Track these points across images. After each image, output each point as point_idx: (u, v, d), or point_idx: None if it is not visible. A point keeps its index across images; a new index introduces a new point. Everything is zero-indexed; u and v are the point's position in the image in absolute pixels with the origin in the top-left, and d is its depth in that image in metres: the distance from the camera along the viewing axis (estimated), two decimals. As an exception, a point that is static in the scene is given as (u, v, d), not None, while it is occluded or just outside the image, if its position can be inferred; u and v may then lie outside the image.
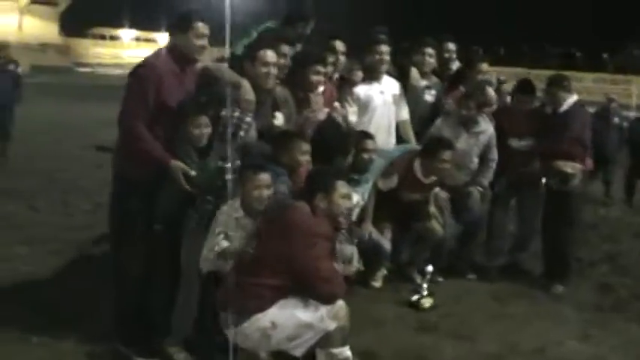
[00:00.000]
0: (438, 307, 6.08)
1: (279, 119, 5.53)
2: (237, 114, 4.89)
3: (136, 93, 4.77)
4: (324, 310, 4.10)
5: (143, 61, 4.93)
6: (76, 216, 8.82)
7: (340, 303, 4.20)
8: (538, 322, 5.93)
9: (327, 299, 4.10)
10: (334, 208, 4.39)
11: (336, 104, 6.36)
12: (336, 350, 4.18)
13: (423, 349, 5.23)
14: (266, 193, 4.62)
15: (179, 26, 4.91)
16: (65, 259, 6.87)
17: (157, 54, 5.00)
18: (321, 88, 6.11)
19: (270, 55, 5.23)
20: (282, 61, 5.56)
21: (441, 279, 6.72)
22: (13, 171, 11.53)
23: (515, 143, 6.85)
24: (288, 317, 4.10)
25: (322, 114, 6.11)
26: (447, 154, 6.21)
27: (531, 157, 6.80)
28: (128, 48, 50.51)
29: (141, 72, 4.83)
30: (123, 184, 4.95)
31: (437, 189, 6.66)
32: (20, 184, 10.36)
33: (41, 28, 45.47)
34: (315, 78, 5.72)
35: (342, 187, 4.45)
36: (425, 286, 6.12)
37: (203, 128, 4.81)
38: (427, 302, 6.07)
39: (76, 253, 7.14)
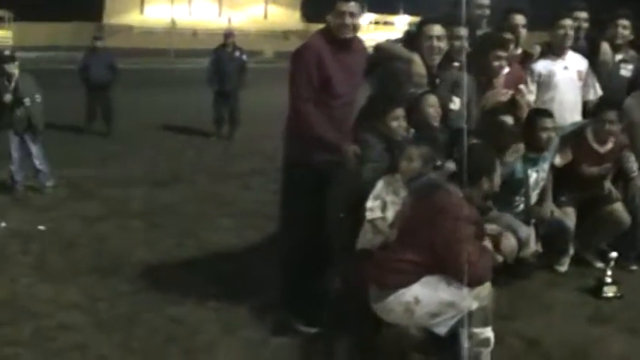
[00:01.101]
0: (623, 297, 5.68)
1: (456, 104, 5.51)
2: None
3: (300, 76, 4.89)
4: (466, 289, 4.05)
5: (302, 45, 5.04)
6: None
7: (487, 284, 4.15)
8: None
9: (470, 282, 4.03)
10: (479, 198, 4.38)
11: (521, 86, 6.18)
12: (477, 330, 4.13)
13: (590, 341, 4.94)
14: (416, 164, 4.68)
15: (332, 7, 4.91)
16: (262, 233, 7.24)
17: (314, 36, 5.08)
18: (505, 70, 6.01)
19: (436, 29, 5.25)
20: (457, 43, 5.55)
21: (635, 267, 6.28)
22: (237, 153, 12.47)
23: None
24: (431, 294, 4.11)
25: (504, 96, 6.01)
26: (612, 114, 5.92)
27: None
28: (367, 32, 51.65)
29: (300, 55, 4.95)
30: (294, 168, 5.12)
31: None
32: (241, 165, 11.21)
33: (284, 16, 47.92)
34: (496, 63, 5.67)
35: (486, 182, 4.36)
36: (609, 272, 5.74)
37: (401, 121, 4.96)
38: (610, 291, 5.70)
39: (274, 227, 7.53)
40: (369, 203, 4.74)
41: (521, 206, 5.89)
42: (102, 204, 8.61)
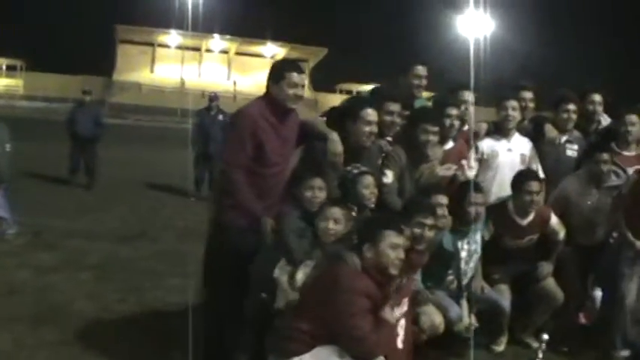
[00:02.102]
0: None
1: (388, 177, 5.54)
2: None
3: (235, 140, 4.98)
4: None
5: (240, 110, 5.13)
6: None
7: (379, 358, 4.11)
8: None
9: (358, 356, 4.02)
10: (382, 259, 4.26)
11: (464, 162, 6.23)
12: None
13: None
14: (332, 226, 4.69)
15: (273, 76, 5.05)
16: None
17: (253, 103, 5.15)
18: (449, 145, 6.06)
19: (371, 113, 5.29)
20: (388, 118, 5.61)
21: (566, 349, 6.17)
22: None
23: None
24: (323, 364, 4.08)
25: (448, 170, 6.05)
26: (533, 185, 5.93)
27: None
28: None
29: (238, 120, 5.05)
30: (217, 227, 5.19)
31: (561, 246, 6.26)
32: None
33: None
34: (424, 137, 5.63)
35: (391, 236, 4.30)
36: (540, 355, 5.65)
37: (316, 191, 4.94)
38: (543, 373, 5.63)
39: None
40: (281, 262, 4.71)
41: (455, 282, 5.86)
42: (58, 255, 8.58)
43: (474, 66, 6.72)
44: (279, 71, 5.02)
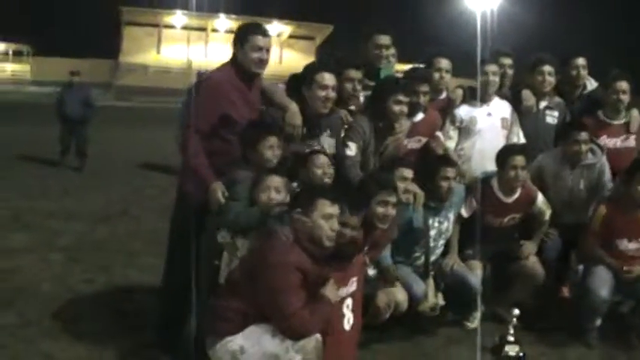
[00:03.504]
0: (524, 357, 5.34)
1: (351, 149, 5.30)
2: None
3: (198, 107, 4.77)
4: (289, 341, 3.86)
5: (206, 76, 4.95)
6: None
7: (314, 336, 3.93)
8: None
9: (290, 335, 3.85)
10: (315, 230, 4.04)
11: (438, 133, 6.02)
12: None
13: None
14: (274, 195, 4.47)
15: (238, 40, 4.87)
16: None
17: (219, 68, 4.98)
18: (419, 116, 5.83)
19: (327, 77, 5.02)
20: (348, 85, 5.36)
21: (541, 325, 5.94)
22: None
23: None
24: (255, 344, 3.91)
25: (416, 143, 5.83)
26: (518, 160, 5.65)
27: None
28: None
29: (202, 86, 4.84)
30: (178, 197, 5.08)
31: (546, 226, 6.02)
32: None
33: (299, 60, 48.26)
34: (396, 108, 5.37)
35: (325, 206, 4.06)
36: (511, 331, 5.43)
37: (275, 149, 4.72)
38: (511, 350, 5.38)
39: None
40: (223, 231, 4.51)
41: (422, 258, 5.66)
42: (33, 236, 8.45)
43: (481, 40, 6.56)
44: (243, 35, 4.84)
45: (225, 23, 50.50)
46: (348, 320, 4.32)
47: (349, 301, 4.33)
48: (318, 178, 4.81)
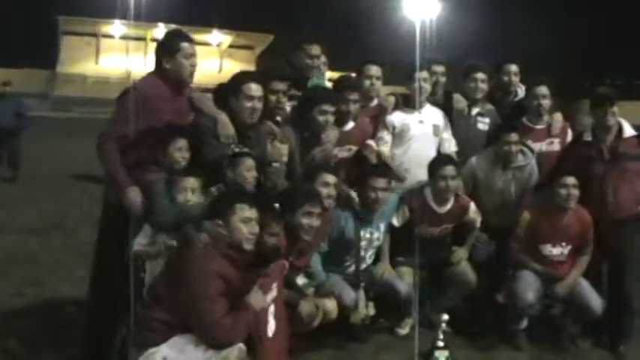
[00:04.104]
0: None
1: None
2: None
3: (120, 114, 4.75)
4: (212, 351, 3.88)
5: (130, 87, 4.87)
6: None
7: (237, 345, 3.94)
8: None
9: (213, 344, 3.87)
10: (234, 234, 4.07)
11: (369, 142, 6.06)
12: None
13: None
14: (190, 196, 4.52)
15: (166, 50, 4.83)
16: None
17: (144, 79, 4.94)
18: (349, 125, 5.87)
19: (254, 88, 5.02)
20: (273, 98, 5.39)
21: (472, 331, 6.06)
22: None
23: None
24: (179, 354, 3.91)
25: (347, 151, 5.87)
26: (447, 170, 5.74)
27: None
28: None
29: (124, 96, 4.79)
30: (105, 205, 5.02)
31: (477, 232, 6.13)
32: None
33: (239, 70, 48.31)
34: (321, 118, 5.44)
35: (243, 210, 4.11)
36: (441, 336, 5.51)
37: (184, 152, 4.75)
38: (441, 356, 5.45)
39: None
40: (139, 238, 4.51)
41: (353, 267, 5.71)
42: (-39, 250, 8.23)
43: (420, 47, 6.52)
44: (172, 44, 4.82)
45: (164, 33, 50.06)
46: (272, 327, 4.32)
47: (272, 308, 4.34)
48: (245, 180, 4.79)
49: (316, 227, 4.89)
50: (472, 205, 6.05)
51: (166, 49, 4.84)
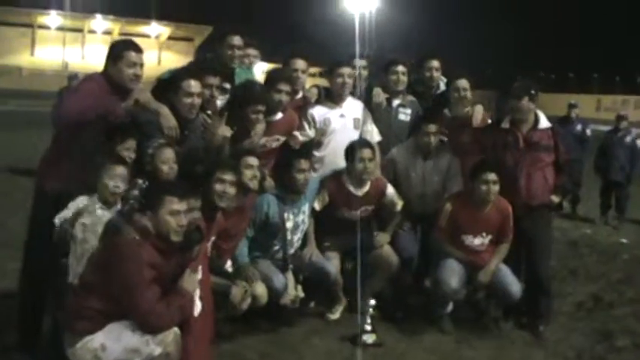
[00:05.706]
0: (382, 345, 5.63)
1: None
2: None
3: (74, 98, 4.90)
4: (149, 335, 3.97)
5: (80, 78, 5.02)
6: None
7: (172, 329, 4.06)
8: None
9: (149, 330, 3.96)
10: (163, 226, 4.13)
11: (295, 133, 6.21)
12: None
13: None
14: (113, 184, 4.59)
15: (111, 56, 4.92)
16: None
17: (92, 76, 5.05)
18: (278, 116, 5.99)
19: (194, 85, 5.14)
20: (206, 92, 5.44)
21: (400, 315, 6.25)
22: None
23: None
24: (116, 340, 3.99)
25: (275, 141, 5.98)
26: (365, 152, 5.93)
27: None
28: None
29: (84, 83, 5.01)
30: (37, 193, 5.03)
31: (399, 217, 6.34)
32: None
33: (178, 62, 47.85)
34: (254, 116, 5.61)
35: (172, 202, 4.16)
36: (368, 320, 5.69)
37: (131, 152, 4.85)
38: (369, 339, 5.65)
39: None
40: (61, 213, 4.55)
41: (281, 252, 5.84)
42: None
43: (359, 41, 6.79)
44: (117, 51, 4.91)
45: (102, 24, 49.51)
46: (197, 308, 4.37)
47: (197, 290, 4.39)
48: (164, 173, 4.86)
49: (230, 195, 4.96)
50: (389, 187, 6.24)
51: (111, 55, 4.94)
